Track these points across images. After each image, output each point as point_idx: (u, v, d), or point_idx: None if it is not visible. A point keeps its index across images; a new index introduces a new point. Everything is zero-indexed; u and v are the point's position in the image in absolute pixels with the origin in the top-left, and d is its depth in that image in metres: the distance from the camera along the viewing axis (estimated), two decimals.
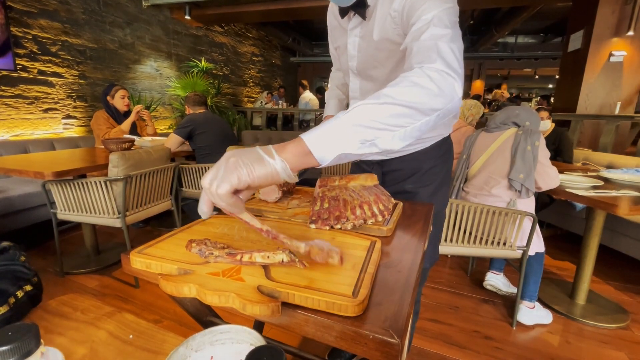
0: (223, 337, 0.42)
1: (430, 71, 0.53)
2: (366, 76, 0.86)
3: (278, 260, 0.44)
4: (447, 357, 1.48)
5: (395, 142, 0.50)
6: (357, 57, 0.84)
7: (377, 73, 0.83)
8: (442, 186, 0.95)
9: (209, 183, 0.45)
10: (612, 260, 2.42)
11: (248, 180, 0.45)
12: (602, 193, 1.53)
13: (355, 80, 0.90)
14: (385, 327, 0.37)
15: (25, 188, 2.44)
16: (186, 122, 2.51)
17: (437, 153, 0.92)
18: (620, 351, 1.54)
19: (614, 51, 3.66)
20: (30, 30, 3.06)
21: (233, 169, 0.44)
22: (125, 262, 0.51)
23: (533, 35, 9.47)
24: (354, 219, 0.60)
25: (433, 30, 0.59)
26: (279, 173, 0.46)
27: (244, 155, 0.46)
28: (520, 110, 1.69)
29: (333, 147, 0.47)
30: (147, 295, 1.88)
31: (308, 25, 8.68)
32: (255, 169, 0.45)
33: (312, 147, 0.47)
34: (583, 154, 2.92)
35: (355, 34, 0.81)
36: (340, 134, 0.47)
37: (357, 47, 0.82)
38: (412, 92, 0.50)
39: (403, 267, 0.51)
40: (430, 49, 0.57)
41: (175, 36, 4.94)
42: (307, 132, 0.48)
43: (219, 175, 0.44)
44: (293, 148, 0.47)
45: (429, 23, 0.60)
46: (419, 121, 0.51)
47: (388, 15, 0.72)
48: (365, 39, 0.79)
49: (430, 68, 0.54)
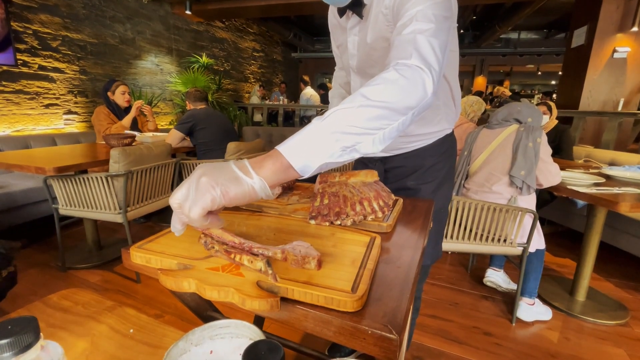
0: (223, 332, 0.43)
1: (403, 68, 0.52)
2: (366, 75, 0.86)
3: (257, 268, 0.43)
4: (446, 352, 1.49)
5: (375, 145, 0.49)
6: (356, 56, 0.84)
7: (375, 71, 0.83)
8: (444, 183, 0.95)
9: (177, 204, 0.42)
10: (612, 258, 2.42)
11: (222, 202, 0.42)
12: (603, 190, 1.53)
13: (356, 78, 0.90)
14: (384, 322, 0.37)
15: (26, 183, 2.45)
16: (187, 118, 2.51)
17: (440, 150, 0.92)
18: (620, 348, 1.54)
19: (618, 47, 3.63)
20: (30, 25, 3.05)
21: (205, 190, 0.41)
22: (126, 257, 0.52)
23: (536, 31, 9.40)
24: (354, 215, 0.60)
25: (415, 25, 0.58)
26: (257, 192, 0.44)
27: (217, 174, 0.43)
28: (522, 106, 1.68)
29: (314, 158, 0.45)
30: (148, 290, 1.89)
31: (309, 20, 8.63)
32: (231, 189, 0.42)
33: (292, 161, 0.45)
34: (585, 150, 2.90)
35: (355, 33, 0.81)
36: (320, 143, 0.46)
37: (356, 46, 0.82)
38: (386, 91, 0.49)
39: (402, 263, 0.51)
40: (408, 42, 0.56)
41: (176, 31, 4.92)
42: (283, 143, 0.46)
43: (190, 197, 0.41)
44: (272, 164, 0.45)
45: (412, 18, 0.59)
46: (396, 121, 0.50)
47: (380, 13, 0.72)
48: (364, 38, 0.79)
49: (405, 64, 0.53)
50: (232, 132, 2.75)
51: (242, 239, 0.47)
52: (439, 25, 0.58)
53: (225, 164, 0.45)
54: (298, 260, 0.43)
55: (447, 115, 0.89)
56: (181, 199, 0.42)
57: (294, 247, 0.47)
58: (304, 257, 0.44)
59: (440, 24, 0.59)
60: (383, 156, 0.98)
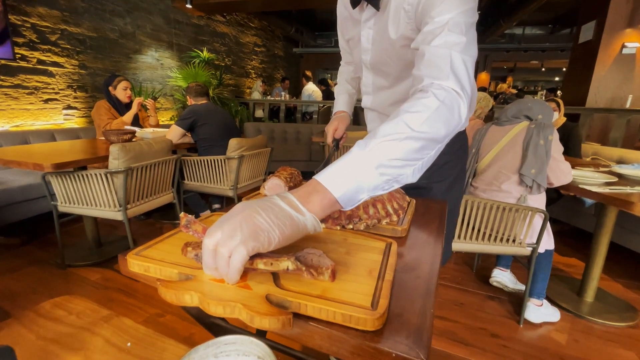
0: (228, 349, 0.39)
1: (441, 93, 0.52)
2: (379, 71, 0.82)
3: (282, 268, 0.40)
4: (452, 354, 1.46)
5: (414, 175, 0.49)
6: (370, 51, 0.79)
7: (390, 69, 0.78)
8: (456, 182, 0.91)
9: (219, 243, 0.36)
10: (620, 258, 2.38)
11: (277, 243, 0.38)
12: (616, 190, 1.48)
13: (368, 74, 0.85)
14: (409, 344, 0.33)
15: (25, 179, 2.41)
16: (188, 114, 2.46)
17: (452, 148, 0.87)
18: (630, 350, 1.51)
19: (627, 43, 3.56)
20: (28, 19, 2.99)
21: (260, 230, 0.37)
22: (123, 264, 0.48)
23: (541, 26, 9.27)
24: (367, 219, 0.56)
25: (447, 37, 0.56)
26: (308, 229, 0.41)
27: (270, 212, 0.39)
28: (533, 103, 1.63)
29: (360, 194, 0.44)
30: (149, 288, 1.86)
31: (311, 15, 8.53)
32: (287, 228, 0.39)
33: (338, 196, 0.43)
34: (592, 148, 2.85)
35: (369, 26, 0.76)
36: (366, 179, 0.44)
37: (370, 41, 0.77)
38: (430, 121, 0.48)
39: (422, 272, 0.47)
40: (443, 59, 0.55)
41: (176, 25, 4.85)
42: (324, 174, 0.44)
43: (239, 235, 0.36)
44: (320, 201, 0.42)
45: (444, 26, 0.57)
46: (434, 150, 0.51)
47: (402, 9, 0.68)
48: (380, 32, 0.74)
49: (442, 87, 0.52)
50: (233, 128, 2.71)
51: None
52: (469, 37, 0.57)
53: (270, 201, 0.41)
54: (312, 271, 0.39)
55: None
56: (222, 238, 0.37)
57: (304, 256, 0.43)
58: (317, 267, 0.40)
59: (470, 35, 0.58)
60: None
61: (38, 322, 0.49)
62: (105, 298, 1.76)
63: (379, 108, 0.89)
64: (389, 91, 0.84)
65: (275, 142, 4.52)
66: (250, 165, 2.57)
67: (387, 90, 0.84)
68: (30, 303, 1.70)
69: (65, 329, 0.48)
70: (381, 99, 0.87)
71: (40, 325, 0.48)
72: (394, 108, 0.84)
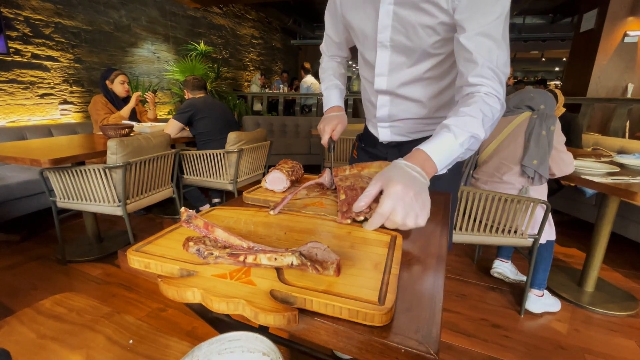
0: (232, 346, 0.38)
1: (491, 100, 0.64)
2: (400, 48, 0.77)
3: (286, 264, 0.39)
4: (455, 345, 1.46)
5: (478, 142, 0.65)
6: (390, 27, 0.75)
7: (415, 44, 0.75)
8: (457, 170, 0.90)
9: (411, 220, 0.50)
10: (620, 247, 2.38)
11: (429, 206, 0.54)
12: (618, 180, 1.47)
13: (384, 54, 0.80)
14: (418, 339, 0.32)
15: (23, 175, 2.40)
16: (186, 107, 2.43)
17: None
18: (630, 339, 1.52)
19: (629, 31, 3.51)
20: (21, 12, 2.94)
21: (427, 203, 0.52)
22: (123, 261, 0.47)
23: (541, 15, 9.16)
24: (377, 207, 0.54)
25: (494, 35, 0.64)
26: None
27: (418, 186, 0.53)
28: (535, 93, 1.61)
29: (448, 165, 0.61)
30: (150, 283, 1.85)
31: (309, 5, 8.40)
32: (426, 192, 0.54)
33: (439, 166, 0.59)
34: (593, 138, 2.84)
35: (389, 2, 0.72)
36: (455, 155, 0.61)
37: (391, 16, 0.74)
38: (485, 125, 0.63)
39: (429, 266, 0.46)
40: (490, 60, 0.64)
41: (172, 18, 4.77)
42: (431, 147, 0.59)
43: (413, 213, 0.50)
44: (431, 169, 0.58)
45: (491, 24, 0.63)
46: None
47: None
48: (403, 5, 0.71)
49: (490, 94, 0.64)
50: (232, 121, 2.68)
51: (250, 243, 0.42)
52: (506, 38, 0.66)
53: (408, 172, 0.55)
54: (316, 266, 0.38)
55: None
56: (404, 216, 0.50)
57: (309, 250, 0.42)
58: (322, 262, 0.39)
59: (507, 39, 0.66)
60: (399, 141, 0.92)
61: (38, 320, 0.48)
62: (107, 293, 1.76)
63: (394, 88, 0.84)
64: (408, 70, 0.80)
65: (274, 135, 4.49)
66: (249, 158, 2.55)
67: (406, 70, 0.80)
68: (31, 299, 1.69)
69: (66, 326, 0.47)
70: (398, 78, 0.82)
71: (41, 323, 0.47)
72: (409, 88, 0.82)
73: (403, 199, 0.50)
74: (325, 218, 0.58)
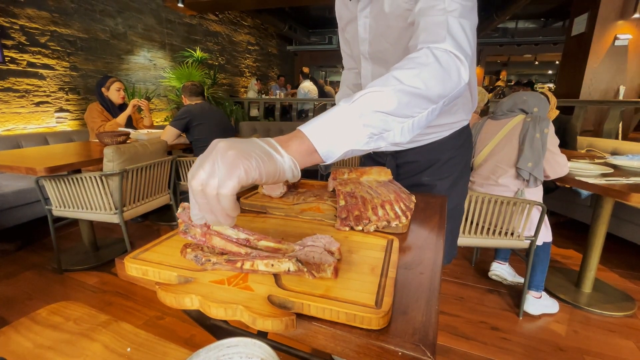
0: (230, 352, 0.38)
1: (438, 52, 0.50)
2: (378, 59, 0.80)
3: (283, 270, 0.39)
4: (454, 349, 1.46)
5: (404, 135, 0.46)
6: (367, 40, 0.78)
7: (389, 55, 0.77)
8: (461, 178, 0.89)
9: (203, 182, 0.35)
10: (616, 248, 2.40)
11: (256, 175, 0.36)
12: (612, 181, 1.49)
13: (367, 65, 0.83)
14: (415, 341, 0.32)
15: (18, 184, 2.38)
16: (182, 114, 2.44)
17: (456, 143, 0.86)
18: (628, 340, 1.53)
19: (619, 34, 3.57)
20: (17, 20, 2.94)
21: (238, 161, 0.35)
22: (120, 268, 0.47)
23: (534, 19, 9.31)
24: (377, 221, 0.55)
25: (444, 3, 0.54)
26: (285, 171, 0.39)
27: (245, 147, 0.37)
28: (528, 96, 1.63)
29: (340, 144, 0.42)
30: (147, 291, 1.83)
31: (305, 12, 8.49)
32: (266, 164, 0.37)
33: (317, 145, 0.41)
34: (587, 140, 2.87)
35: (365, 15, 0.75)
36: (347, 128, 0.42)
37: (367, 29, 0.76)
38: (420, 76, 0.46)
39: (425, 268, 0.47)
40: (439, 25, 0.53)
41: (168, 25, 4.80)
42: (308, 123, 0.42)
43: (218, 172, 0.35)
44: (298, 145, 0.41)
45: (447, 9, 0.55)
46: (426, 109, 0.48)
47: None
48: (376, 17, 0.73)
49: (438, 49, 0.50)
50: (229, 127, 2.69)
51: (247, 249, 0.43)
52: (468, 2, 0.55)
53: (250, 140, 0.40)
54: (312, 272, 0.39)
55: (464, 105, 0.83)
56: (205, 177, 0.35)
57: (306, 254, 0.43)
58: (319, 264, 0.40)
59: (468, 1, 0.56)
60: (395, 150, 0.93)
61: (35, 330, 0.48)
62: (104, 302, 1.75)
63: None
64: None
65: None
66: None
67: None
68: (27, 309, 1.68)
69: (62, 335, 0.47)
70: None
71: (37, 333, 0.47)
72: None
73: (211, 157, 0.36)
74: (323, 223, 0.59)
